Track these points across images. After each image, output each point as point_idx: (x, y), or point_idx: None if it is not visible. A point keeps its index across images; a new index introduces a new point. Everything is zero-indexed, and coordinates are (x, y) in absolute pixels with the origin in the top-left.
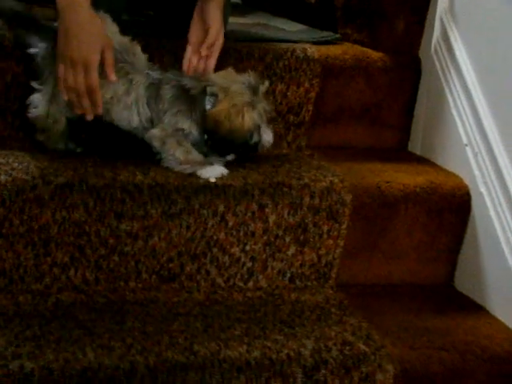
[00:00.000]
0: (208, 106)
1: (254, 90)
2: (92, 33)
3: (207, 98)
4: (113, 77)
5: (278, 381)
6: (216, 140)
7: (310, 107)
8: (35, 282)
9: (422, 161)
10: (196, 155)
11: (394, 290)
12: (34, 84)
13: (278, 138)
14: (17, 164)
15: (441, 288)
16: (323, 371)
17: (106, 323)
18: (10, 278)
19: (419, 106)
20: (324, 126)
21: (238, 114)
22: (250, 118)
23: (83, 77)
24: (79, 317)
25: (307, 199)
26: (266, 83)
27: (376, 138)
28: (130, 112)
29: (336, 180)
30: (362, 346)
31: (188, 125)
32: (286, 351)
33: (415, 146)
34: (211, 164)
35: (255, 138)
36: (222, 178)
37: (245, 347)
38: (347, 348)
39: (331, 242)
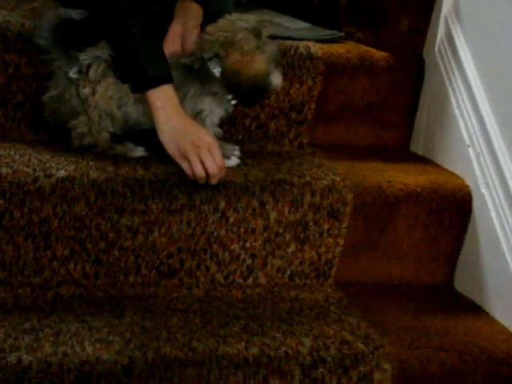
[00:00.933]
0: (215, 70)
1: (257, 34)
2: (196, 124)
3: (209, 64)
4: None
5: (276, 378)
6: (243, 93)
7: (313, 105)
8: (35, 275)
9: (424, 161)
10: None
11: (393, 289)
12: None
13: (279, 135)
14: (18, 157)
15: (440, 288)
16: (321, 369)
17: (105, 317)
18: (9, 271)
19: (422, 106)
20: (326, 124)
21: (252, 61)
22: (262, 62)
23: (212, 159)
24: (78, 311)
25: (308, 197)
26: (268, 27)
27: (378, 137)
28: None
29: (337, 178)
30: (361, 345)
31: (207, 104)
32: (284, 349)
33: (417, 146)
34: (228, 158)
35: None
36: None
37: (243, 344)
38: (345, 347)
39: (331, 240)
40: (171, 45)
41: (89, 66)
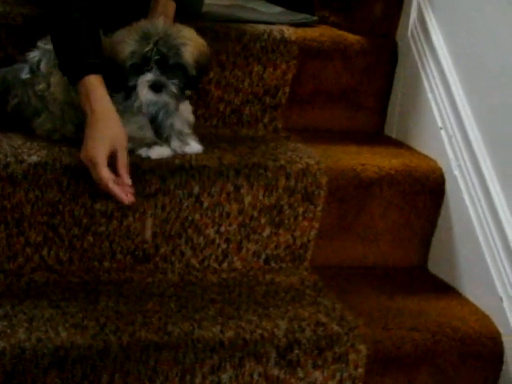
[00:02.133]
0: None
1: (146, 37)
2: (102, 130)
3: None
4: (126, 179)
5: (252, 360)
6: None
7: (287, 89)
8: (8, 261)
9: (398, 144)
10: (136, 131)
11: (368, 271)
12: None
13: (254, 119)
14: None
15: (414, 270)
16: (296, 351)
17: (80, 303)
18: None
19: (395, 90)
20: (301, 108)
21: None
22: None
23: (94, 173)
24: (52, 296)
25: (283, 181)
26: (177, 37)
27: (352, 120)
28: None
29: (312, 162)
30: (336, 327)
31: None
32: (259, 331)
33: (391, 129)
34: (157, 144)
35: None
36: (196, 159)
37: (218, 327)
38: (321, 329)
39: (306, 223)
40: None
41: (39, 62)
